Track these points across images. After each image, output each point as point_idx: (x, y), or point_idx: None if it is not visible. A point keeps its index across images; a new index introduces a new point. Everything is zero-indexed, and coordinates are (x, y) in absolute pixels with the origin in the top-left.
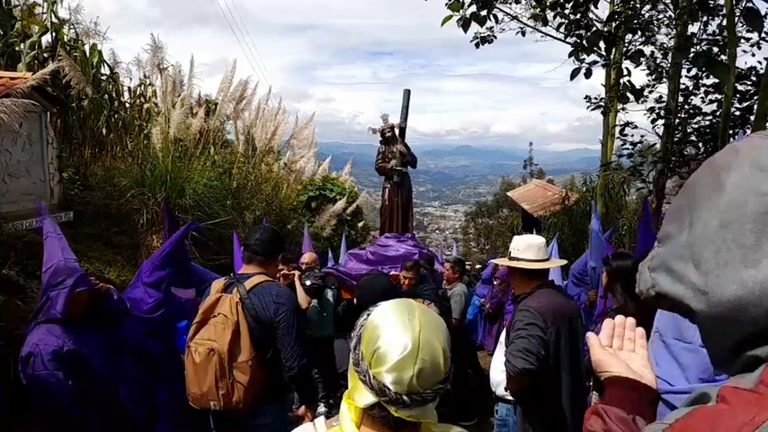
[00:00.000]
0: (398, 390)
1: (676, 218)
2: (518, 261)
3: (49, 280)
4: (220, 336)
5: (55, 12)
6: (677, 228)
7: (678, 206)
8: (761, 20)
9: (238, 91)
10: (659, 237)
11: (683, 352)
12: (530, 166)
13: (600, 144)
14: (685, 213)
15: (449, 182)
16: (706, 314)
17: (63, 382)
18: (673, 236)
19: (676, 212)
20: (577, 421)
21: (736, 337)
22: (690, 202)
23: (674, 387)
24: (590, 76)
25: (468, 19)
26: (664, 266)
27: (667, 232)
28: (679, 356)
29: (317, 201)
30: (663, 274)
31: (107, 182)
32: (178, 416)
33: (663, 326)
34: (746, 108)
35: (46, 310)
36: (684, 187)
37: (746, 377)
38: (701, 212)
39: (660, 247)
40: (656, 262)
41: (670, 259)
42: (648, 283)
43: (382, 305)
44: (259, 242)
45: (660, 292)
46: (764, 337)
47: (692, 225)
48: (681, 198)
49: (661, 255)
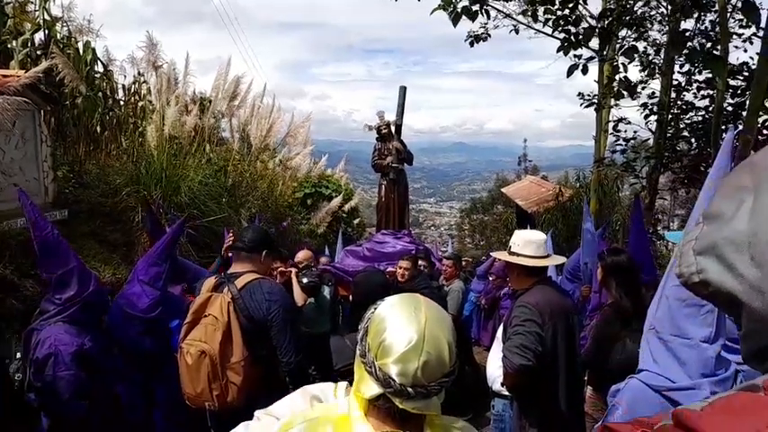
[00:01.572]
0: (403, 381)
1: (733, 197)
2: (517, 257)
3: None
4: (211, 337)
5: (47, 9)
6: (733, 209)
7: (738, 185)
8: (757, 12)
9: (233, 88)
10: (707, 213)
11: (682, 348)
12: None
13: (593, 140)
14: (747, 195)
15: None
16: (758, 312)
17: (84, 382)
18: (726, 217)
19: (734, 191)
20: (573, 416)
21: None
22: (757, 185)
23: (676, 384)
24: (587, 73)
25: (459, 13)
26: (713, 251)
27: (719, 211)
28: (678, 352)
29: (312, 198)
30: (712, 260)
31: (101, 180)
32: (176, 415)
33: (659, 322)
34: (739, 103)
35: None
36: (750, 165)
37: None
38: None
39: (708, 225)
40: (703, 244)
41: (722, 245)
42: (693, 267)
43: (389, 299)
44: (247, 240)
45: (706, 280)
46: None
47: (755, 212)
48: (742, 176)
49: (709, 236)
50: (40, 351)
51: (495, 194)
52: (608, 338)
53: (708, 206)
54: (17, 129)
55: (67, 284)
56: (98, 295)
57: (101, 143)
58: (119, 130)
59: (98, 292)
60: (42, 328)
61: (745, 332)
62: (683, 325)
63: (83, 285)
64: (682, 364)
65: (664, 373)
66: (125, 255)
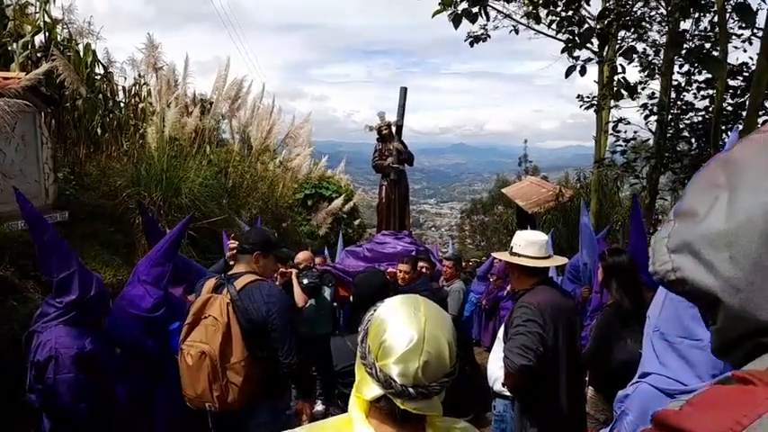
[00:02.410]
0: (404, 382)
1: (706, 194)
2: (519, 257)
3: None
4: (211, 338)
5: (48, 11)
6: (707, 206)
7: (711, 182)
8: (752, 14)
9: (233, 90)
10: (679, 211)
11: (691, 350)
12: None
13: (593, 141)
14: (721, 192)
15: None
16: (736, 309)
17: (85, 384)
18: (699, 214)
19: (708, 188)
20: (575, 417)
21: (750, 327)
22: (731, 183)
23: (688, 386)
24: (585, 74)
25: (460, 15)
26: (688, 249)
27: (692, 209)
28: (687, 354)
29: (313, 199)
30: (688, 258)
31: (102, 181)
32: (177, 415)
33: (665, 324)
34: (739, 104)
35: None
36: (723, 162)
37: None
38: (747, 199)
39: (680, 223)
40: (676, 241)
41: (698, 243)
42: (668, 265)
43: (389, 300)
44: (248, 242)
45: (683, 278)
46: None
47: (732, 211)
48: (716, 174)
49: (683, 234)
50: (40, 354)
51: (495, 195)
52: (608, 339)
53: (680, 203)
54: (17, 131)
55: (69, 288)
56: (100, 298)
57: (101, 145)
58: (119, 132)
59: (100, 295)
60: (43, 331)
61: (719, 327)
62: (691, 326)
63: (84, 289)
64: (691, 365)
65: (673, 375)
66: (126, 256)
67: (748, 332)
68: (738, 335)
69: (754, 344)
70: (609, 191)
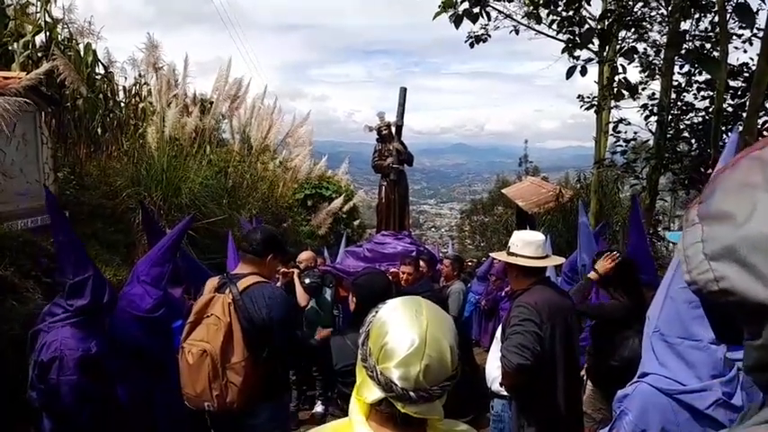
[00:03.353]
0: (405, 386)
1: (743, 195)
2: (516, 257)
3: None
4: (213, 337)
5: (48, 11)
6: (748, 209)
7: (745, 182)
8: (752, 15)
9: (233, 90)
10: (708, 213)
11: (690, 351)
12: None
13: (594, 141)
14: (761, 194)
15: (444, 180)
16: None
17: (88, 387)
18: (737, 217)
19: (743, 188)
20: (572, 416)
21: None
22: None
23: (687, 386)
24: (585, 74)
25: (461, 15)
26: (732, 256)
27: (726, 210)
28: (686, 355)
29: (313, 199)
30: (732, 266)
31: (102, 181)
32: (177, 415)
33: (665, 325)
34: (739, 104)
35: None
36: (759, 160)
37: None
38: None
39: (713, 226)
40: (715, 247)
41: (744, 248)
42: (710, 274)
43: (390, 302)
44: (253, 242)
45: (729, 289)
46: None
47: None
48: (751, 173)
49: (721, 239)
50: (45, 354)
51: (495, 195)
52: (608, 339)
53: (707, 205)
54: (18, 130)
55: (81, 293)
56: (111, 306)
57: (101, 145)
58: (119, 132)
59: (111, 303)
60: (49, 331)
61: (763, 342)
62: (692, 327)
63: (97, 296)
64: (691, 366)
65: (672, 376)
66: (126, 256)
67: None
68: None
69: None
70: (609, 191)
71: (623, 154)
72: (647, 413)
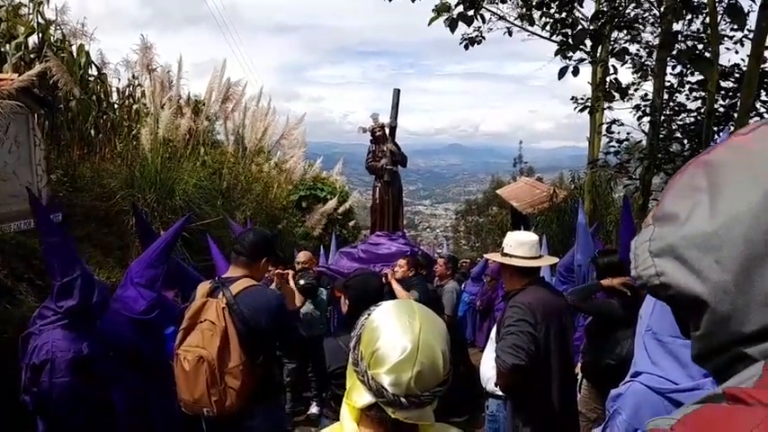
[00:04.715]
0: (396, 392)
1: (687, 197)
2: (510, 258)
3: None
4: (208, 342)
5: (41, 12)
6: (688, 209)
7: (690, 185)
8: (743, 16)
9: (228, 91)
10: (658, 215)
11: (683, 349)
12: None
13: (587, 142)
14: (702, 195)
15: (439, 180)
16: (722, 315)
17: (80, 389)
18: (680, 217)
19: (687, 190)
20: (567, 415)
21: (736, 334)
22: (713, 185)
23: (679, 385)
24: (578, 74)
25: (456, 19)
26: (672, 253)
27: (672, 212)
28: (679, 354)
29: (307, 200)
30: (672, 262)
31: (96, 183)
32: (173, 420)
33: (657, 323)
34: (730, 105)
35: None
36: (703, 164)
37: (742, 378)
38: (730, 200)
39: (661, 227)
40: (659, 245)
41: (682, 246)
42: (652, 270)
43: (383, 305)
44: (245, 244)
45: (667, 283)
46: (760, 335)
47: (714, 213)
48: (696, 177)
49: (665, 238)
50: (37, 356)
51: (490, 196)
52: (603, 338)
53: (658, 207)
54: (10, 133)
55: (69, 294)
56: (102, 306)
57: (95, 146)
58: (113, 134)
59: (103, 304)
60: (40, 333)
61: (703, 333)
62: None
63: (86, 296)
64: (683, 365)
65: (665, 375)
66: (120, 258)
67: (733, 339)
68: (721, 342)
69: (738, 353)
70: (602, 191)
71: (617, 154)
72: (640, 412)
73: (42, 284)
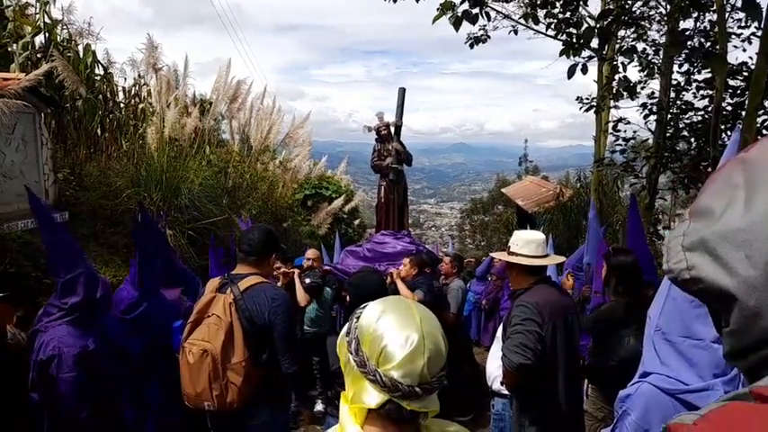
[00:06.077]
0: (410, 382)
1: (723, 193)
2: (517, 256)
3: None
4: (214, 336)
5: (48, 12)
6: (724, 205)
7: (728, 181)
8: (759, 9)
9: (233, 90)
10: (694, 210)
11: (693, 350)
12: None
13: (593, 140)
14: (739, 192)
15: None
16: (752, 309)
17: (86, 384)
18: (715, 213)
19: (725, 187)
20: (573, 415)
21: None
22: (749, 181)
23: (689, 386)
24: (587, 72)
25: (460, 17)
26: (704, 247)
27: (708, 207)
28: (689, 354)
29: (312, 199)
30: (704, 256)
31: (102, 182)
32: (168, 416)
33: (666, 324)
34: (738, 103)
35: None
36: (741, 162)
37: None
38: (765, 198)
39: (696, 222)
40: (692, 240)
41: (714, 241)
42: (683, 263)
43: (371, 305)
44: (252, 242)
45: (697, 277)
46: None
47: (749, 210)
48: (733, 174)
49: (698, 232)
50: (43, 353)
51: (495, 195)
52: (608, 337)
53: (695, 203)
54: (17, 132)
55: (74, 290)
56: (105, 301)
57: (101, 146)
58: (119, 133)
59: (105, 298)
60: (46, 330)
61: (733, 329)
62: (694, 326)
63: (89, 292)
64: (692, 365)
65: (674, 375)
66: (125, 257)
67: (763, 337)
68: (754, 339)
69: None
70: (609, 190)
71: (623, 153)
72: (650, 413)
73: (49, 282)
